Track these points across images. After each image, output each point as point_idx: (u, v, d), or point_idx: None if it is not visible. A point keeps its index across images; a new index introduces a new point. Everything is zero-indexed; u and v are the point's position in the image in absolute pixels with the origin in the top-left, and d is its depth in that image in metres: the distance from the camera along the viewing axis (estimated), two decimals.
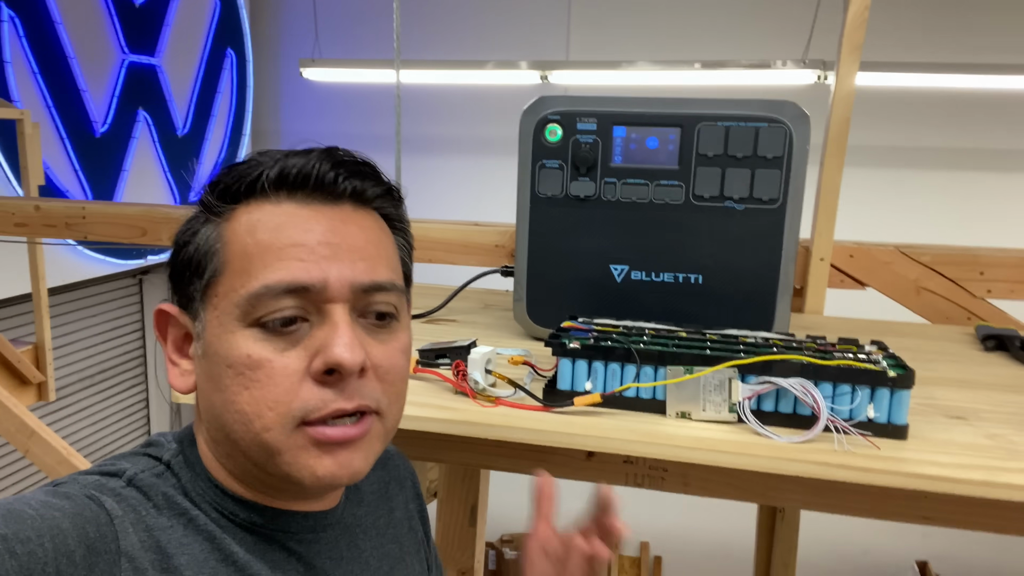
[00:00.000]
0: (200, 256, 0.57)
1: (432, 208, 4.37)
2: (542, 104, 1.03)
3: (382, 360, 0.57)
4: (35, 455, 1.81)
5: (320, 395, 0.54)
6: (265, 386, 0.54)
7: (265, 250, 0.55)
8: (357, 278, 0.56)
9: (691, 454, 0.74)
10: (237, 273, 0.55)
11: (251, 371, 0.54)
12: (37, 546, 0.46)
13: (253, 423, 0.54)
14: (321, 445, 0.55)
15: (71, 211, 1.63)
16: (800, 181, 0.98)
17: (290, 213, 0.56)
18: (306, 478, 0.55)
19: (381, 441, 0.59)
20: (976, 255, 1.37)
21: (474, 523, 1.33)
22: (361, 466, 0.57)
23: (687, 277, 1.02)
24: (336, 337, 0.54)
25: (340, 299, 0.55)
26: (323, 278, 0.55)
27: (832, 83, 1.37)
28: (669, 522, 4.43)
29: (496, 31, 4.20)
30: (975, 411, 0.84)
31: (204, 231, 0.58)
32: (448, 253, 1.53)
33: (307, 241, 0.55)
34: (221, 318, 0.56)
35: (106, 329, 4.01)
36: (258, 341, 0.54)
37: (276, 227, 0.56)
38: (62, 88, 3.23)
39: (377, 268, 0.58)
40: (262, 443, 0.55)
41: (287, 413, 0.54)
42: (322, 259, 0.55)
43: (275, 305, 0.54)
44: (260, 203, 0.57)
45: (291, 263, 0.54)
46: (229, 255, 0.56)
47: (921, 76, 3.13)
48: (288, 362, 0.54)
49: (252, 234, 0.56)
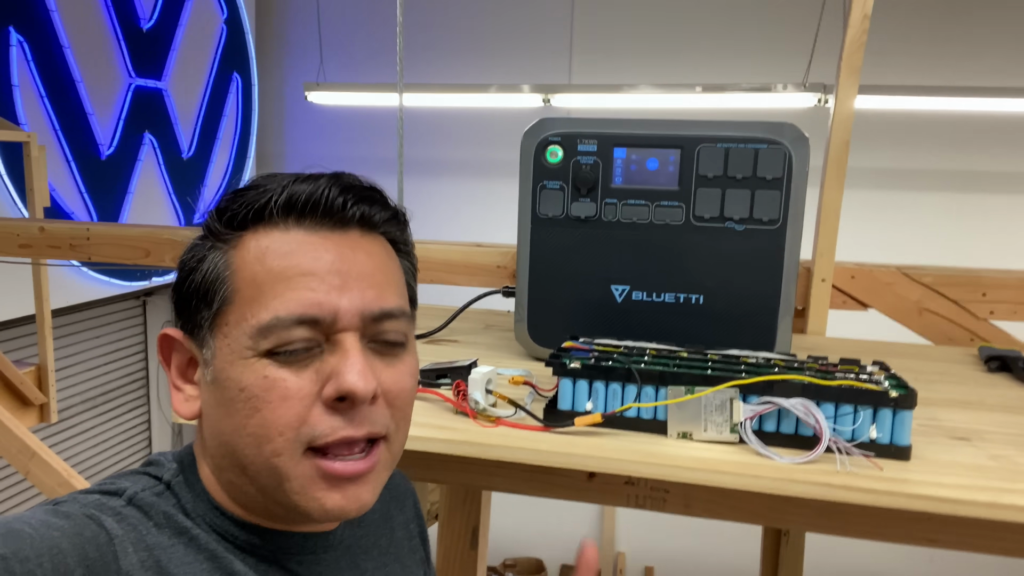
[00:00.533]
0: (208, 284, 0.57)
1: (436, 230, 4.39)
2: (543, 126, 1.03)
3: (391, 385, 0.58)
4: (36, 476, 1.80)
5: (330, 422, 0.54)
6: (277, 408, 0.54)
7: (276, 279, 0.55)
8: (367, 307, 0.56)
9: (692, 475, 0.73)
10: (247, 302, 0.55)
11: (265, 392, 0.54)
12: (36, 566, 0.46)
13: (263, 447, 0.54)
14: (329, 479, 0.55)
15: (75, 232, 1.64)
16: (800, 202, 0.99)
17: (299, 240, 0.56)
18: (314, 511, 0.55)
19: (388, 469, 0.60)
20: (978, 276, 1.37)
21: (475, 546, 1.32)
22: (369, 499, 0.57)
23: (688, 297, 1.02)
24: (348, 364, 0.54)
25: (351, 328, 0.56)
26: (334, 309, 0.55)
27: (832, 106, 1.38)
28: (674, 547, 4.38)
29: (499, 55, 4.24)
30: (978, 432, 0.84)
31: (211, 258, 0.57)
32: (450, 274, 1.53)
33: (317, 270, 0.55)
34: (232, 346, 0.55)
35: (109, 351, 4.01)
36: (271, 366, 0.54)
37: (286, 255, 0.55)
38: (69, 111, 3.26)
39: (386, 295, 0.58)
40: (272, 468, 0.55)
41: (295, 439, 0.54)
42: (332, 289, 0.55)
43: (287, 336, 0.54)
44: (268, 230, 0.57)
45: (302, 293, 0.54)
46: (239, 283, 0.56)
47: (921, 99, 3.15)
48: (302, 384, 0.54)
49: (262, 262, 0.55)
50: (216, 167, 4.26)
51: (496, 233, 2.85)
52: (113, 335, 4.03)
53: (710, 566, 4.29)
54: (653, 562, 4.48)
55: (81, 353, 3.78)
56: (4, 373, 2.48)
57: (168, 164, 3.86)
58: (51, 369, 2.71)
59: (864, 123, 3.21)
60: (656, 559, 4.47)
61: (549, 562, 4.58)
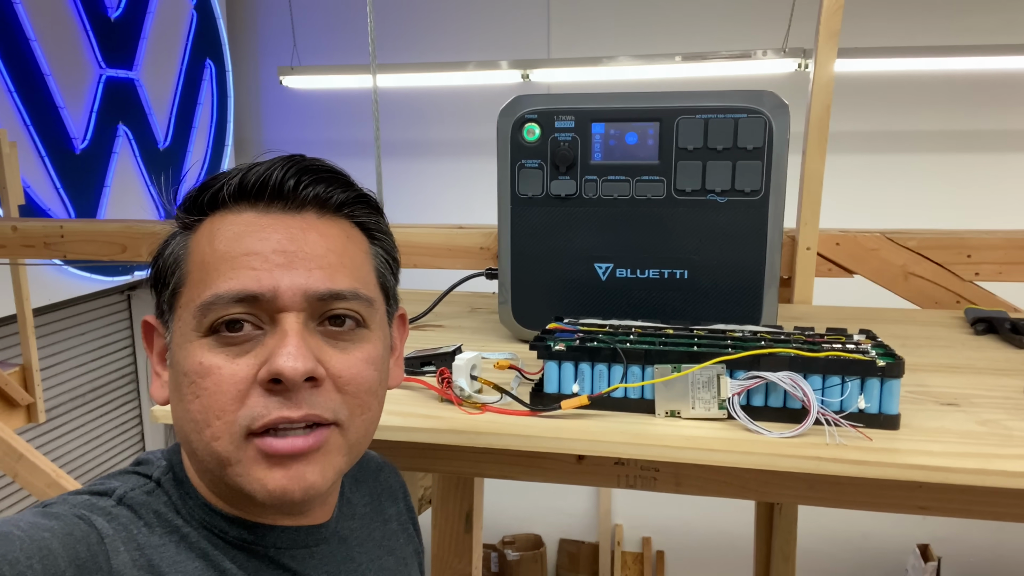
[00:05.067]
0: (168, 267, 0.58)
1: (420, 213, 4.36)
2: (519, 103, 1.01)
3: (342, 370, 0.56)
4: (24, 478, 1.79)
5: (265, 403, 0.53)
6: (213, 394, 0.53)
7: (220, 259, 0.55)
8: (311, 286, 0.54)
9: (682, 454, 0.72)
10: (195, 283, 0.55)
11: (201, 379, 0.53)
12: (26, 568, 0.45)
13: (203, 432, 0.53)
14: (270, 458, 0.53)
15: (49, 230, 1.61)
16: (782, 171, 0.97)
17: (248, 222, 0.56)
18: (257, 492, 0.53)
19: (343, 455, 0.57)
20: (963, 238, 1.37)
21: (470, 530, 1.32)
22: (316, 479, 0.54)
23: (672, 273, 1.01)
24: (282, 346, 0.52)
25: (293, 308, 0.54)
26: (274, 287, 0.53)
27: (812, 71, 1.36)
28: (671, 517, 4.43)
29: (476, 31, 4.18)
30: (967, 397, 0.83)
31: (173, 243, 0.59)
32: (433, 257, 1.51)
33: (262, 249, 0.54)
34: (182, 329, 0.55)
35: (96, 347, 3.97)
36: (211, 350, 0.54)
37: (233, 236, 0.55)
38: (39, 105, 3.19)
39: (336, 276, 0.56)
40: (213, 453, 0.54)
41: (234, 422, 0.53)
42: (275, 267, 0.54)
43: (224, 312, 0.53)
44: (223, 214, 0.57)
45: (243, 272, 0.54)
46: (191, 266, 0.56)
47: (902, 61, 3.13)
48: (237, 370, 0.53)
49: (211, 244, 0.56)
50: (194, 156, 4.20)
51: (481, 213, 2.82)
52: (99, 331, 3.99)
53: (707, 535, 4.34)
54: (651, 533, 4.52)
55: (67, 351, 3.75)
56: None
57: (144, 155, 3.80)
58: (36, 368, 2.68)
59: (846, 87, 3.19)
60: (653, 530, 4.52)
61: (547, 537, 4.62)
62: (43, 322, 3.51)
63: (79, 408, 3.85)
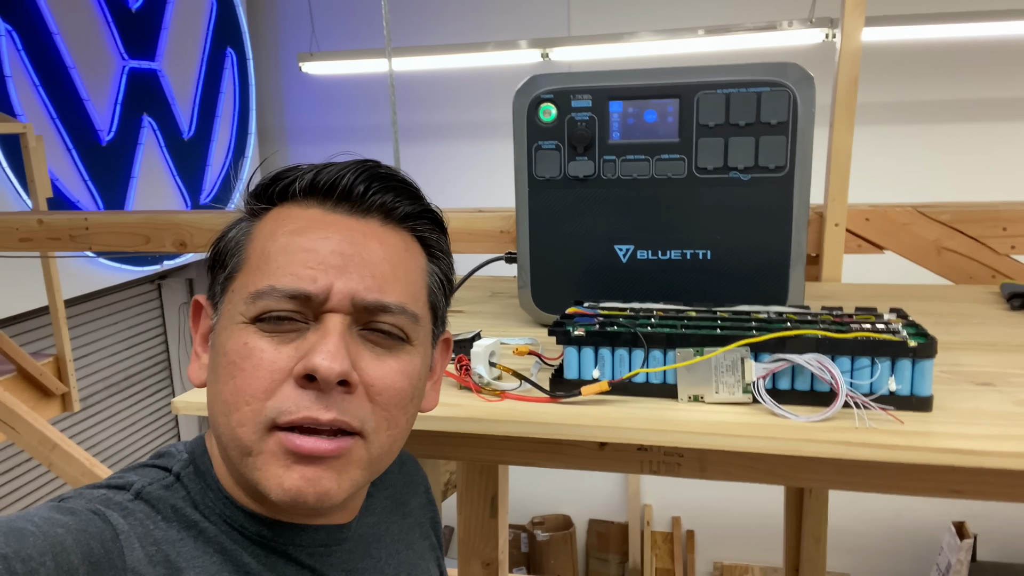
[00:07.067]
0: (228, 250, 0.59)
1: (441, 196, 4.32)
2: (534, 83, 0.99)
3: (375, 379, 0.55)
4: (58, 467, 1.82)
5: (296, 399, 0.52)
6: (250, 377, 0.53)
7: (280, 251, 0.55)
8: (360, 294, 0.54)
9: (706, 439, 0.71)
10: (252, 271, 0.56)
11: (242, 360, 0.53)
12: (39, 564, 0.45)
13: (231, 416, 0.53)
14: (291, 454, 0.52)
15: (74, 223, 1.63)
16: (807, 146, 0.94)
17: (313, 219, 0.57)
18: (273, 489, 0.52)
19: (362, 469, 0.55)
20: (998, 210, 1.32)
21: (495, 514, 1.31)
22: (332, 487, 0.53)
23: (695, 253, 0.99)
24: (322, 344, 0.52)
25: (340, 310, 0.54)
26: (327, 287, 0.53)
27: (839, 41, 1.31)
28: (701, 496, 4.41)
29: (495, 11, 4.14)
30: (1003, 376, 0.80)
31: (237, 227, 0.60)
32: (453, 241, 1.49)
33: (320, 248, 0.55)
34: (231, 312, 0.55)
35: (128, 336, 4.04)
36: (256, 334, 0.54)
37: (295, 231, 0.56)
38: (64, 99, 3.23)
39: (388, 287, 0.56)
40: (236, 439, 0.53)
41: (261, 411, 0.52)
42: (331, 268, 0.54)
43: (274, 305, 0.54)
44: (290, 207, 0.58)
45: (300, 269, 0.54)
46: (250, 252, 0.57)
47: (931, 28, 3.04)
48: (278, 357, 0.53)
49: (274, 234, 0.56)
50: (218, 145, 4.22)
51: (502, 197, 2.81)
52: (130, 320, 4.05)
53: (737, 514, 4.31)
54: (680, 512, 4.51)
55: (100, 340, 3.81)
56: (23, 365, 2.50)
57: (169, 146, 3.84)
58: (69, 358, 2.73)
59: (873, 56, 3.11)
60: (683, 509, 4.51)
61: (577, 517, 4.63)
62: (76, 312, 3.57)
63: (113, 397, 3.93)
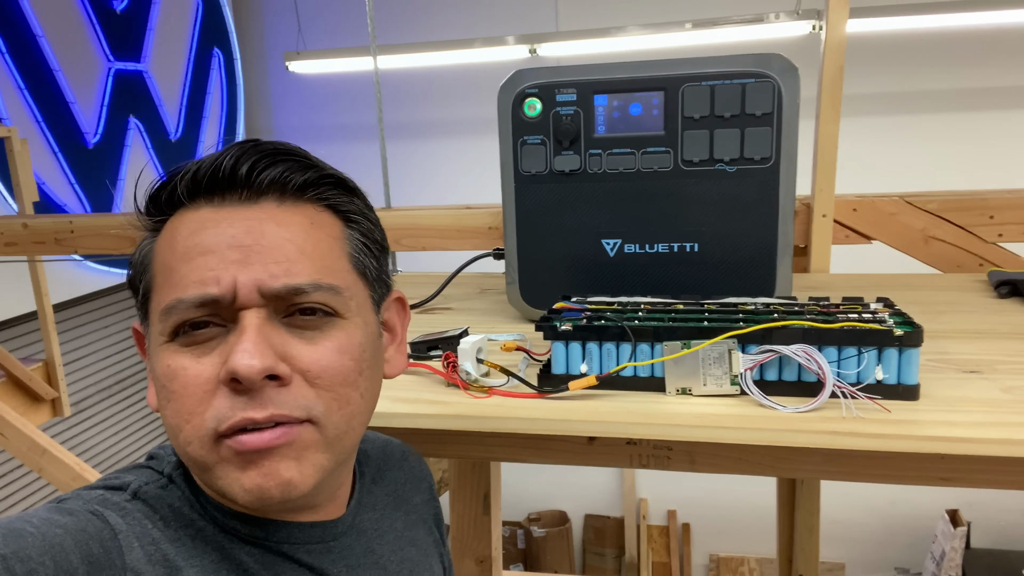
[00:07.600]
0: (138, 273, 0.57)
1: (432, 194, 4.33)
2: (519, 78, 0.99)
3: (310, 364, 0.52)
4: (48, 473, 1.81)
5: (230, 404, 0.50)
6: (181, 397, 0.51)
7: (180, 261, 0.53)
8: (267, 283, 0.52)
9: (694, 432, 0.71)
10: (160, 287, 0.54)
11: (170, 382, 0.52)
12: (38, 564, 0.44)
13: (179, 436, 0.52)
14: (241, 455, 0.51)
15: (59, 226, 1.61)
16: (793, 137, 0.94)
17: (204, 219, 0.54)
18: (237, 493, 0.51)
19: (322, 452, 0.53)
20: (985, 199, 1.33)
21: (488, 511, 1.31)
22: (293, 476, 0.51)
23: (682, 246, 0.99)
24: (239, 344, 0.50)
25: (252, 304, 0.51)
26: (231, 286, 0.51)
27: (824, 32, 1.31)
28: (695, 489, 4.42)
29: (482, 6, 4.12)
30: (990, 363, 0.81)
31: (140, 247, 0.57)
32: (442, 239, 1.50)
33: (217, 246, 0.52)
34: (154, 333, 0.54)
35: (118, 340, 4.01)
36: (177, 352, 0.52)
37: (190, 235, 0.53)
38: (50, 101, 3.20)
39: (295, 270, 0.53)
40: (189, 456, 0.52)
41: (202, 425, 0.51)
42: (231, 264, 0.51)
43: (185, 316, 0.52)
44: (182, 213, 0.55)
45: (201, 272, 0.52)
46: (156, 270, 0.55)
47: (915, 18, 3.05)
48: (201, 370, 0.51)
49: (171, 246, 0.54)
50: (206, 146, 4.20)
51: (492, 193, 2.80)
52: (121, 324, 4.02)
53: (733, 506, 4.33)
54: (676, 506, 4.52)
55: (90, 345, 3.79)
56: (12, 371, 2.48)
57: (157, 147, 3.81)
58: (59, 363, 2.71)
59: (859, 47, 3.12)
60: (678, 503, 4.52)
61: (573, 513, 4.64)
62: (65, 317, 3.55)
63: (104, 401, 3.90)
